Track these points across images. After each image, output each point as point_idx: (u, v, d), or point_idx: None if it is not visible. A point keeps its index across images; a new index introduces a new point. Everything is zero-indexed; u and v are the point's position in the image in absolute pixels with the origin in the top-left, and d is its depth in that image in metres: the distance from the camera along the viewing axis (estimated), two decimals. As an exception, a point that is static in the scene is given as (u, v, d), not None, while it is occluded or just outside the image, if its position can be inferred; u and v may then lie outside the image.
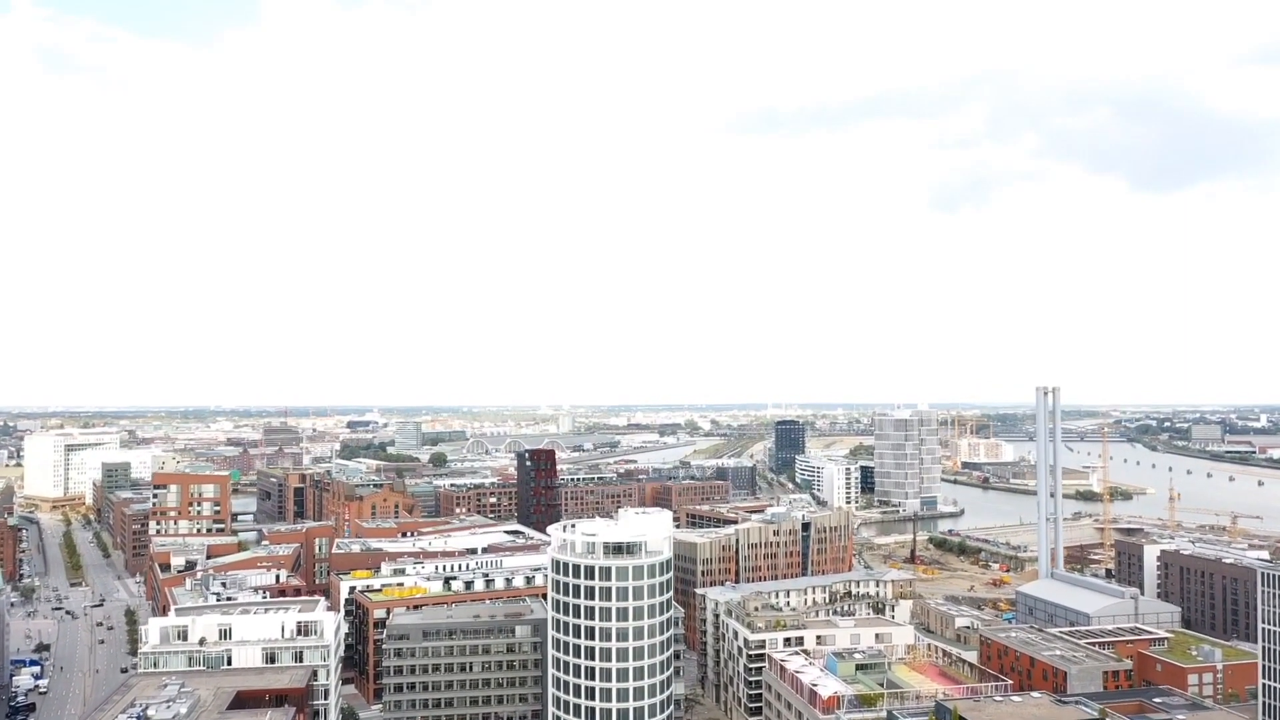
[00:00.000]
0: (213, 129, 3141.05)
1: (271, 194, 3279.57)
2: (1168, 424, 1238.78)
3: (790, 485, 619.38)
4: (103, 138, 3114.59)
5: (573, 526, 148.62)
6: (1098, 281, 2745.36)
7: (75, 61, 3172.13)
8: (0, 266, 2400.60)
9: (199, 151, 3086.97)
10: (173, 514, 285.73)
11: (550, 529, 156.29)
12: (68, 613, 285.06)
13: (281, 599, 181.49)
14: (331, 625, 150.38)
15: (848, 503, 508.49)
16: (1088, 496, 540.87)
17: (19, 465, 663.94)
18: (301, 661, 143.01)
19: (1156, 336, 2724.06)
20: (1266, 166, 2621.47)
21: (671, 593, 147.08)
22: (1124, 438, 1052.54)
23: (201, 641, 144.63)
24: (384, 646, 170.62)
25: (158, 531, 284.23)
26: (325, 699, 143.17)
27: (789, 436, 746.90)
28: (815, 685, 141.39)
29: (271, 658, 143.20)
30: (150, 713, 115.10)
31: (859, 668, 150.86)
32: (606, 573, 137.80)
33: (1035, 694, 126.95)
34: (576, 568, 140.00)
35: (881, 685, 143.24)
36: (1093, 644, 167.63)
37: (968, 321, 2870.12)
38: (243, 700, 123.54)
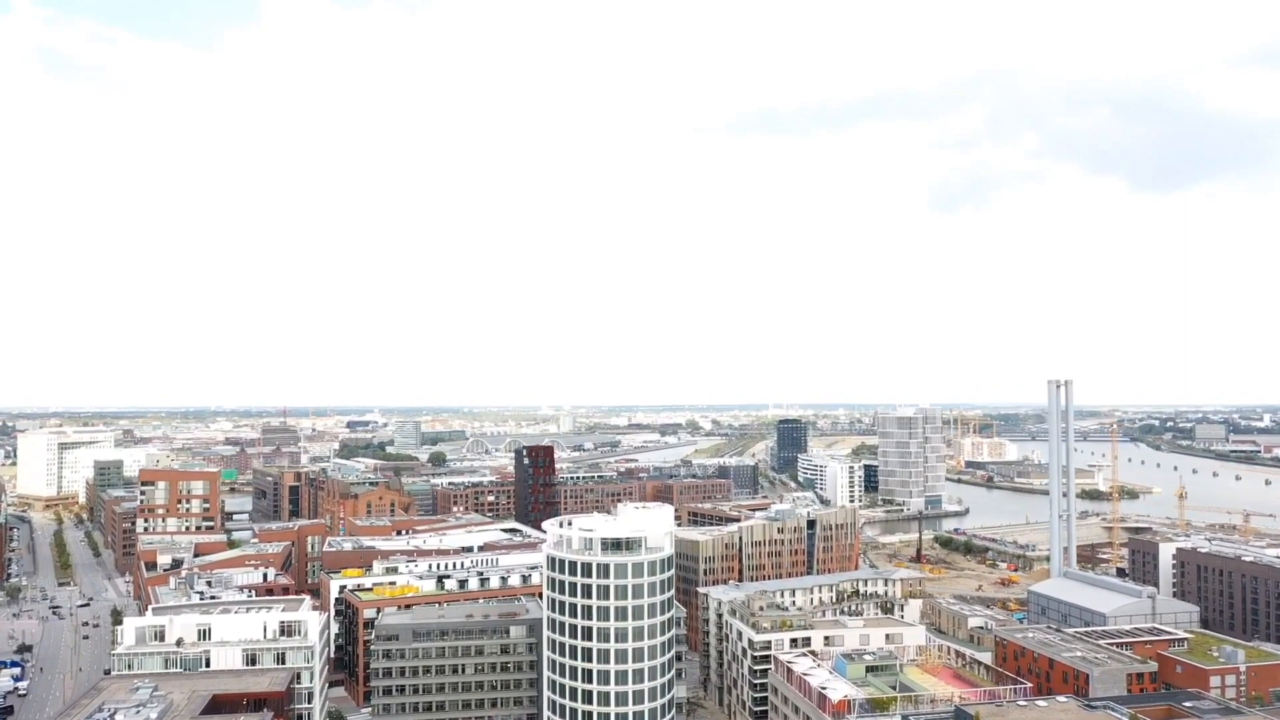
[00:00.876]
0: (213, 130, 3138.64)
1: (272, 195, 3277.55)
2: (1170, 424, 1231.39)
3: (793, 484, 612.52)
4: (103, 139, 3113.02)
5: (569, 522, 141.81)
6: (1098, 282, 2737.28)
7: (75, 62, 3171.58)
8: (2, 267, 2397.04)
9: (199, 152, 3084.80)
10: (161, 511, 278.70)
11: (546, 524, 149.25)
12: (54, 611, 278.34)
13: (265, 599, 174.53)
14: (316, 625, 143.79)
15: (851, 501, 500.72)
16: (1093, 495, 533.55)
17: (14, 464, 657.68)
18: (284, 663, 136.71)
19: (1158, 337, 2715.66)
20: (1266, 166, 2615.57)
21: (673, 591, 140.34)
22: (1127, 437, 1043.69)
23: (179, 642, 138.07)
24: (373, 647, 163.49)
25: (145, 529, 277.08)
26: (309, 702, 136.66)
27: (791, 435, 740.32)
28: (824, 688, 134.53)
29: (252, 659, 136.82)
30: (118, 718, 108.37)
31: (869, 670, 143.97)
32: (605, 570, 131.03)
33: (1060, 698, 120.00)
34: (573, 565, 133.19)
35: (893, 688, 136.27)
36: (1110, 645, 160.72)
37: (968, 322, 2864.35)
38: (218, 704, 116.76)
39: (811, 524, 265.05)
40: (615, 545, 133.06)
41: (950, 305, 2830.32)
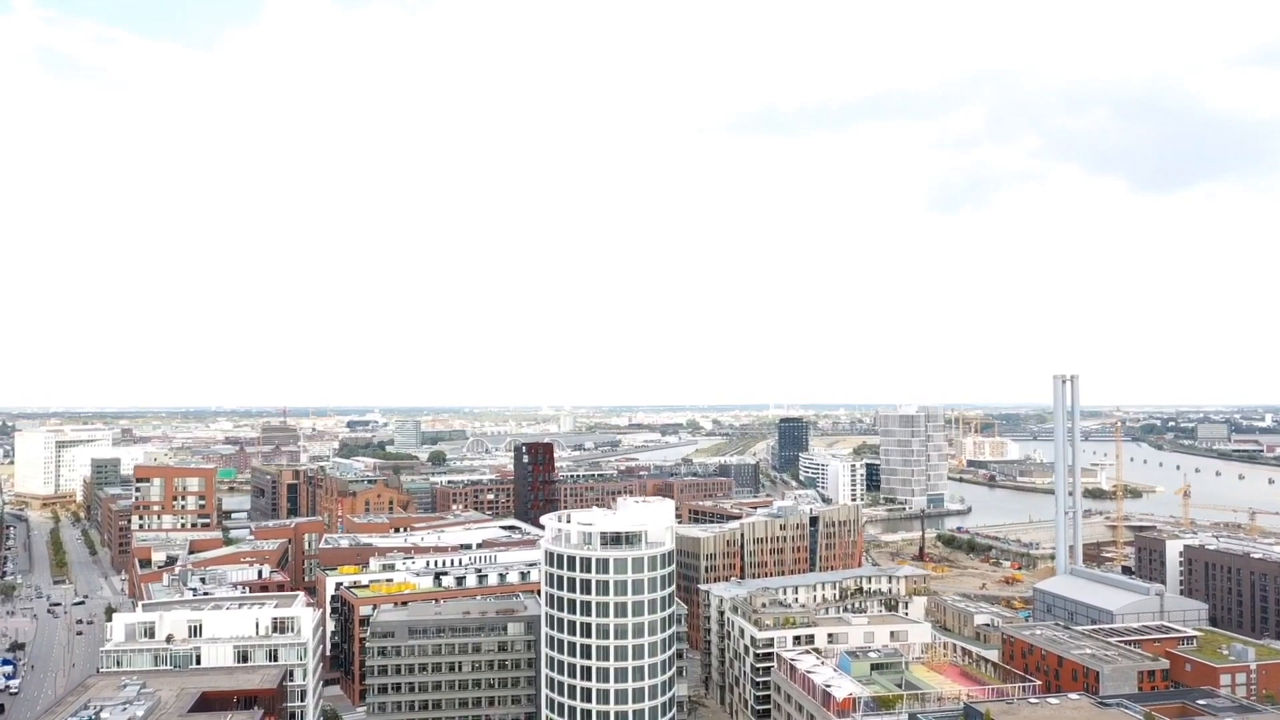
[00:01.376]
0: (214, 130, 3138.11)
1: (272, 195, 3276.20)
2: (1172, 424, 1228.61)
3: (794, 483, 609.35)
4: (103, 139, 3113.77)
5: (568, 517, 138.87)
6: (1099, 283, 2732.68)
7: (76, 63, 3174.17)
8: (1, 267, 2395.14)
9: (200, 153, 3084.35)
10: (156, 508, 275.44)
11: (544, 519, 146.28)
12: (49, 610, 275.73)
13: (258, 595, 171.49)
14: (310, 622, 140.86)
15: (853, 500, 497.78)
16: (1096, 494, 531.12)
17: (11, 463, 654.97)
18: (276, 660, 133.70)
19: (1159, 337, 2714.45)
20: (1266, 166, 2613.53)
21: (674, 587, 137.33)
22: (1128, 437, 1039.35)
23: (169, 639, 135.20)
24: (367, 645, 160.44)
25: (140, 526, 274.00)
26: (301, 700, 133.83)
27: (792, 434, 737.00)
28: (828, 686, 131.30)
29: (244, 656, 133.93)
30: (104, 715, 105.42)
31: (874, 667, 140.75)
32: (604, 565, 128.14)
33: (1073, 695, 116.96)
34: (571, 559, 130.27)
35: (899, 686, 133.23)
36: (1119, 643, 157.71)
37: (969, 323, 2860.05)
38: (208, 702, 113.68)
39: (814, 521, 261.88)
40: (615, 539, 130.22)
41: (950, 306, 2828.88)
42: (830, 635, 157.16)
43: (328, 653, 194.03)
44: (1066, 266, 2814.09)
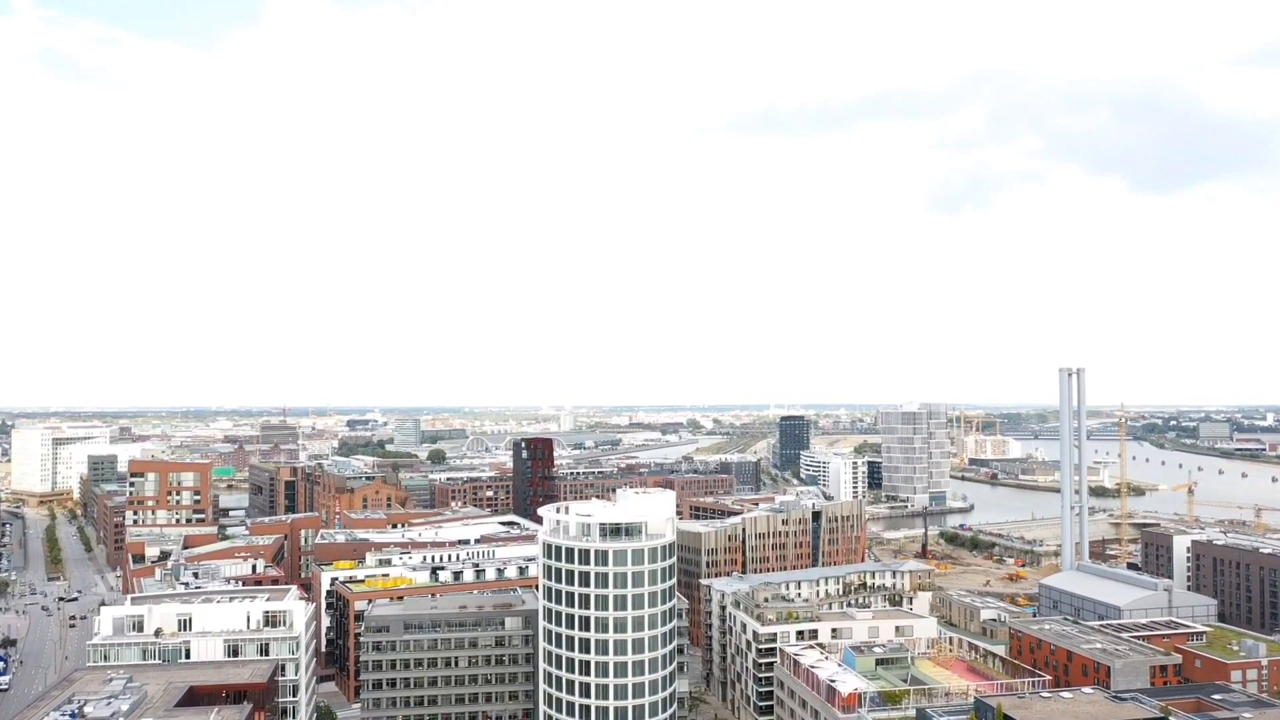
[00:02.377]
0: (214, 131, 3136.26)
1: (272, 195, 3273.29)
2: (1173, 423, 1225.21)
3: (795, 481, 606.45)
4: (104, 139, 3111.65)
5: (566, 508, 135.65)
6: (1099, 283, 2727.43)
7: (76, 63, 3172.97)
8: (2, 267, 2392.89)
9: (200, 153, 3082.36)
10: (150, 503, 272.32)
11: (542, 510, 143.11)
12: (42, 607, 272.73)
13: (250, 589, 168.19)
14: (302, 615, 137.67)
15: (855, 498, 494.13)
16: (1099, 492, 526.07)
17: (8, 461, 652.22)
18: (267, 654, 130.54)
19: (1159, 337, 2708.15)
20: (1266, 167, 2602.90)
21: (675, 580, 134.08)
22: (1130, 436, 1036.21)
23: (157, 633, 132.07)
24: (361, 640, 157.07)
25: (135, 522, 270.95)
26: (294, 696, 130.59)
27: (794, 433, 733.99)
28: (833, 681, 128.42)
29: (234, 650, 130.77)
30: (88, 710, 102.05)
31: (879, 663, 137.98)
32: (603, 556, 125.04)
33: (1086, 690, 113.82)
34: (570, 551, 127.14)
35: (905, 681, 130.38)
36: (1129, 638, 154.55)
37: (969, 323, 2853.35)
38: (196, 696, 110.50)
39: (816, 516, 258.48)
40: (615, 531, 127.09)
41: (951, 306, 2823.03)
42: (834, 630, 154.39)
43: (323, 648, 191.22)
44: (1067, 267, 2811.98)
